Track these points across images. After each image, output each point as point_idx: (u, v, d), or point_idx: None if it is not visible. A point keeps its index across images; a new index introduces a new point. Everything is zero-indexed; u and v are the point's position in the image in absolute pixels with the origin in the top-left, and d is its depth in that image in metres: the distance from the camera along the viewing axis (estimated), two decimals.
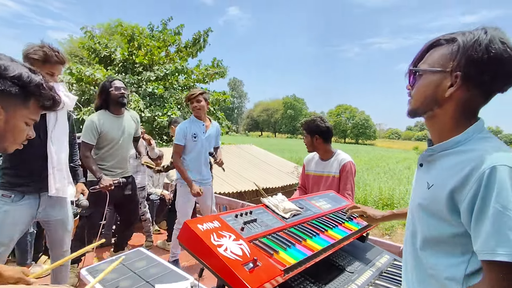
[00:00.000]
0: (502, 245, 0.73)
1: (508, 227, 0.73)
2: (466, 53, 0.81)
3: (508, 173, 0.75)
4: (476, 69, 0.81)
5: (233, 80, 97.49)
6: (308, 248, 1.30)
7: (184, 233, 1.13)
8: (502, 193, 0.74)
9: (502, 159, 0.77)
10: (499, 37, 0.80)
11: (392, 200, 11.92)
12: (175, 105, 10.28)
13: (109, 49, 10.71)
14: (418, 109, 0.93)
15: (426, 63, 0.90)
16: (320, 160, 2.71)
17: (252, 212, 1.42)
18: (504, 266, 0.74)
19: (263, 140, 55.88)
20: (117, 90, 2.78)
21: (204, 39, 11.63)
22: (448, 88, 0.85)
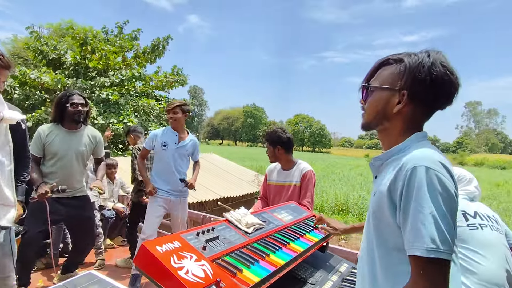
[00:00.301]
0: (417, 240, 0.79)
1: (421, 223, 0.79)
2: (411, 74, 0.89)
3: (425, 173, 0.81)
4: (420, 89, 0.89)
5: (194, 87, 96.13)
6: (271, 263, 1.29)
7: (141, 255, 1.06)
8: (419, 192, 0.80)
9: (423, 160, 0.83)
10: (440, 60, 0.89)
11: (347, 205, 12.47)
12: (132, 112, 9.83)
13: (58, 51, 9.97)
14: (370, 123, 1.00)
15: (377, 81, 0.98)
16: (282, 170, 2.75)
17: (214, 228, 1.38)
18: (422, 261, 0.79)
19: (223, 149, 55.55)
20: (73, 106, 2.60)
21: (163, 45, 11.34)
22: (396, 104, 0.93)
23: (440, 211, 0.79)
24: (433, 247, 0.77)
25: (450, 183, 0.82)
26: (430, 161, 0.83)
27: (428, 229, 0.78)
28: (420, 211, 0.80)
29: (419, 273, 0.79)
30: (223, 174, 9.11)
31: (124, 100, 9.92)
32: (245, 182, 9.01)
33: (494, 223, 1.75)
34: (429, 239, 0.78)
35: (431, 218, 0.78)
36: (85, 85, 9.50)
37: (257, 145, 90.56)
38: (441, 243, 0.77)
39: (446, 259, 0.78)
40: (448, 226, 0.79)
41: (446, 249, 0.78)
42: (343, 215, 11.81)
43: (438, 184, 0.80)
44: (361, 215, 11.61)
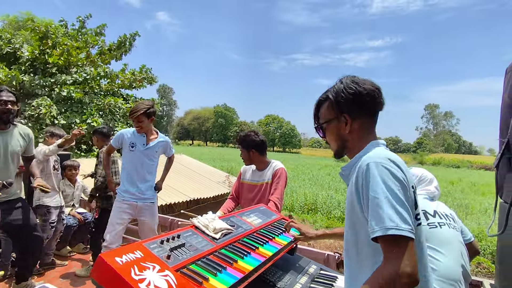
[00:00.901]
0: (377, 223, 0.89)
1: (379, 207, 0.89)
2: (338, 99, 1.11)
3: (375, 166, 0.95)
4: (351, 106, 1.09)
5: (163, 86, 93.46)
6: (240, 270, 1.26)
7: (98, 268, 0.98)
8: (373, 182, 0.94)
9: (373, 158, 0.98)
10: (350, 80, 1.11)
11: (316, 205, 12.76)
12: (96, 111, 9.35)
13: (13, 45, 9.26)
14: (338, 150, 1.18)
15: (322, 118, 1.19)
16: (257, 170, 2.76)
17: (180, 235, 1.32)
18: (385, 241, 0.87)
19: (194, 149, 54.66)
20: (1, 104, 2.41)
21: (130, 42, 10.92)
22: (345, 126, 1.11)
23: (394, 195, 0.90)
24: (392, 225, 0.86)
25: (398, 172, 0.95)
26: (378, 158, 0.97)
27: (385, 211, 0.88)
28: (376, 198, 0.91)
29: (385, 253, 0.88)
30: (193, 176, 8.94)
31: (89, 98, 9.41)
32: (216, 183, 8.91)
33: (451, 221, 1.86)
34: (388, 219, 0.87)
35: (387, 201, 0.89)
36: (44, 81, 8.90)
37: (228, 145, 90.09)
38: (399, 221, 0.86)
39: (408, 237, 0.85)
40: (404, 208, 0.89)
41: (406, 227, 0.86)
42: (312, 214, 12.06)
43: (389, 173, 0.93)
44: (329, 213, 11.93)
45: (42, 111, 8.12)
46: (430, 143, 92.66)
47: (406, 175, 0.97)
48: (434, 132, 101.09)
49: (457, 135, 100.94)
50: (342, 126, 1.12)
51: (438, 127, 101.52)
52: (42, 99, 8.39)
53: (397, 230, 0.85)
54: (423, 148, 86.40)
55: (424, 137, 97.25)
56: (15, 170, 2.63)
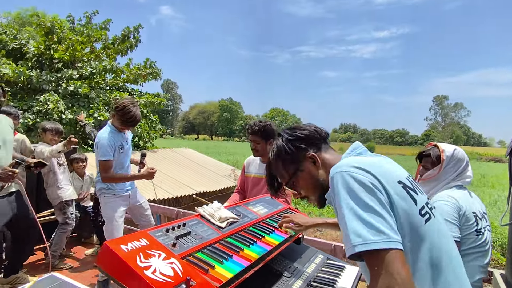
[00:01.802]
0: (345, 242, 0.80)
1: (344, 223, 0.80)
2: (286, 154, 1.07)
3: (339, 177, 0.86)
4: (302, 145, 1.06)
5: (167, 81, 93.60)
6: (245, 258, 1.25)
7: (104, 255, 0.98)
8: (338, 195, 0.85)
9: (335, 168, 0.90)
10: (285, 130, 1.12)
11: None
12: (103, 106, 9.40)
13: (19, 41, 9.31)
14: (319, 195, 1.05)
15: (287, 174, 1.09)
16: (262, 163, 2.71)
17: (185, 224, 1.32)
18: (357, 258, 0.78)
19: (199, 143, 54.86)
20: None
21: (134, 36, 10.90)
22: (315, 164, 1.05)
23: (360, 203, 0.79)
24: (358, 241, 0.75)
25: (365, 177, 0.84)
26: (342, 166, 0.89)
27: (350, 227, 0.78)
28: (342, 212, 0.81)
29: (370, 270, 0.76)
30: (199, 169, 8.98)
31: (95, 93, 9.46)
32: (222, 176, 8.93)
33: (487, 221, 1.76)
34: (354, 235, 0.77)
35: (352, 214, 0.79)
36: (50, 77, 8.96)
37: (233, 139, 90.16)
38: (369, 234, 0.75)
39: (385, 248, 0.73)
40: (374, 215, 0.77)
41: (378, 239, 0.74)
42: (317, 208, 12.05)
43: (353, 181, 0.83)
44: None
45: (50, 106, 8.18)
46: (438, 135, 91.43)
47: (377, 177, 0.85)
48: (442, 124, 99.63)
49: (466, 127, 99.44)
50: (311, 168, 1.05)
51: (447, 119, 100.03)
52: (49, 95, 8.45)
53: (365, 245, 0.74)
54: (431, 140, 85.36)
55: (432, 129, 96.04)
56: (10, 161, 2.57)
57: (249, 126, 2.63)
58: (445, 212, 1.63)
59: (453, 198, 1.68)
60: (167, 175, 7.56)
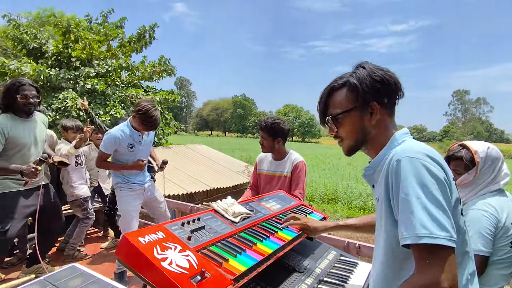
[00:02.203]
0: (407, 229, 0.78)
1: (410, 212, 0.78)
2: (362, 88, 0.96)
3: (408, 162, 0.82)
4: (379, 94, 0.95)
5: (180, 79, 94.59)
6: (259, 252, 1.27)
7: (122, 247, 1.02)
8: (405, 182, 0.81)
9: (405, 152, 0.86)
10: (374, 66, 0.98)
11: (336, 194, 12.64)
12: (119, 103, 9.61)
13: (39, 40, 9.61)
14: (355, 146, 1.02)
15: (338, 108, 1.01)
16: (273, 160, 2.72)
17: (200, 218, 1.35)
18: (417, 249, 0.77)
19: (213, 140, 55.31)
20: (23, 98, 2.49)
21: (150, 34, 11.07)
22: (371, 117, 0.97)
23: (430, 197, 0.78)
24: (424, 233, 0.75)
25: (437, 169, 0.82)
26: (412, 152, 0.84)
27: (416, 216, 0.76)
28: (407, 200, 0.79)
29: (419, 262, 0.77)
30: (213, 165, 9.07)
31: (111, 90, 9.68)
32: (235, 172, 9.00)
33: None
34: (419, 225, 0.76)
35: (420, 205, 0.77)
36: (68, 75, 9.22)
37: (246, 135, 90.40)
38: (434, 228, 0.75)
39: (445, 245, 0.74)
40: (441, 211, 0.77)
41: (442, 235, 0.74)
42: (333, 204, 11.98)
43: (425, 171, 0.80)
44: (350, 203, 11.79)
45: (69, 103, 8.43)
46: (458, 131, 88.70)
47: (447, 173, 0.85)
48: (462, 120, 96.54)
49: (487, 123, 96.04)
50: (366, 117, 0.97)
51: (467, 115, 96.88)
52: (68, 92, 8.70)
53: (431, 239, 0.74)
54: (450, 137, 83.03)
55: (452, 125, 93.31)
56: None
57: (259, 121, 2.66)
58: (480, 224, 1.51)
59: (492, 207, 1.54)
60: (181, 171, 7.67)
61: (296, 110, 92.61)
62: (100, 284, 1.44)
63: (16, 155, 2.53)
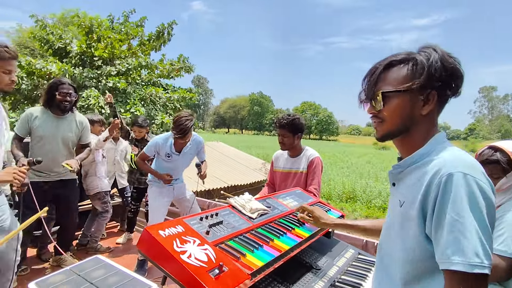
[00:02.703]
0: (457, 253, 0.73)
1: (463, 235, 0.73)
2: (430, 70, 0.83)
3: (463, 180, 0.75)
4: (442, 84, 0.84)
5: (197, 77, 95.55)
6: (276, 248, 1.28)
7: (144, 240, 1.05)
8: (456, 201, 0.74)
9: (458, 166, 0.77)
10: (446, 53, 0.85)
11: (355, 193, 12.44)
12: (139, 101, 9.84)
13: (64, 40, 9.97)
14: (394, 131, 0.91)
15: (390, 85, 0.88)
16: (289, 157, 2.72)
17: (218, 213, 1.37)
18: (461, 276, 0.73)
19: (230, 137, 55.68)
20: (61, 95, 2.71)
21: (168, 32, 11.24)
22: (422, 106, 0.86)
23: (481, 222, 0.74)
24: (477, 262, 0.72)
25: (489, 190, 0.77)
26: (466, 167, 0.77)
27: (471, 242, 0.72)
28: (460, 222, 0.74)
29: (454, 285, 0.75)
30: (230, 163, 9.14)
31: (131, 88, 9.92)
32: (252, 170, 9.03)
33: None
34: (473, 253, 0.72)
35: (474, 230, 0.73)
36: (91, 74, 9.52)
37: (263, 133, 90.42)
38: (484, 257, 0.72)
39: (488, 274, 0.73)
40: (489, 239, 0.74)
41: (488, 263, 0.72)
42: (351, 203, 11.80)
43: (479, 192, 0.75)
44: (369, 202, 11.57)
45: (91, 101, 8.70)
46: (484, 129, 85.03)
47: (493, 189, 0.79)
48: (489, 117, 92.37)
49: None
50: (418, 104, 0.86)
51: (494, 112, 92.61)
52: (91, 91, 8.98)
53: (482, 268, 0.71)
54: (476, 135, 79.78)
55: (477, 123, 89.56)
56: (66, 155, 2.85)
57: (277, 119, 2.63)
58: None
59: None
60: None
61: (314, 107, 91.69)
62: (122, 276, 1.49)
63: (35, 145, 2.71)
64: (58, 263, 3.12)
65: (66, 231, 3.11)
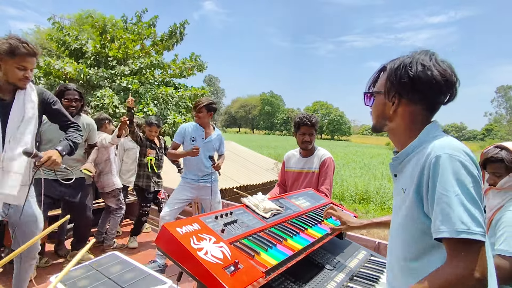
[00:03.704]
0: (444, 223, 0.81)
1: (449, 206, 0.81)
2: (390, 77, 0.98)
3: (448, 159, 0.84)
4: (403, 89, 0.96)
5: (209, 77, 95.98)
6: (289, 248, 1.30)
7: (162, 236, 1.09)
8: (443, 177, 0.84)
9: (444, 148, 0.87)
10: (420, 60, 0.94)
11: (368, 194, 12.28)
12: (151, 101, 9.99)
13: (80, 41, 10.20)
14: (375, 125, 1.08)
15: (375, 86, 1.07)
16: (301, 157, 2.73)
17: (232, 212, 1.40)
18: (453, 243, 0.80)
19: (241, 137, 55.81)
20: (67, 101, 2.84)
21: (180, 31, 11.36)
22: (391, 107, 1.00)
23: (467, 194, 0.81)
24: (463, 228, 0.79)
25: (473, 168, 0.85)
26: (451, 148, 0.86)
27: (455, 211, 0.80)
28: (446, 195, 0.82)
29: (452, 254, 0.82)
30: (243, 162, 9.18)
31: (144, 88, 10.08)
32: (264, 170, 9.05)
33: None
34: (458, 221, 0.79)
35: (458, 200, 0.81)
36: (106, 74, 9.71)
37: (274, 133, 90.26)
38: (471, 224, 0.79)
39: (480, 240, 0.79)
40: (477, 209, 0.80)
41: (478, 230, 0.78)
42: (365, 205, 11.66)
43: (463, 169, 0.83)
44: (383, 204, 11.42)
45: (106, 101, 8.88)
46: (502, 129, 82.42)
47: (478, 169, 0.87)
48: (507, 118, 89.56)
49: None
50: (387, 105, 1.01)
51: (511, 112, 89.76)
52: (106, 90, 9.16)
53: (469, 234, 0.78)
54: (493, 136, 77.57)
55: (495, 123, 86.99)
56: (77, 156, 2.94)
57: (302, 118, 2.61)
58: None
59: None
60: None
61: (326, 107, 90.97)
62: (138, 271, 1.54)
63: (42, 147, 2.79)
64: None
65: (80, 228, 3.22)
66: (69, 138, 2.14)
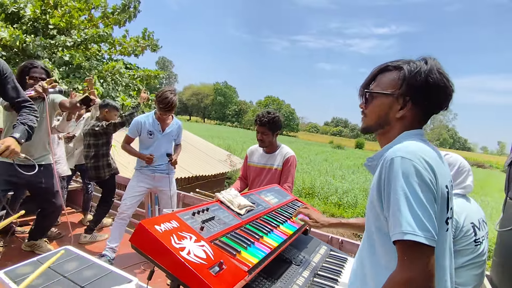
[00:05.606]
0: (395, 226, 0.82)
1: (398, 209, 0.82)
2: (411, 80, 0.94)
3: (400, 162, 0.85)
4: (419, 94, 0.94)
5: (162, 59, 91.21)
6: (266, 245, 1.29)
7: (139, 234, 1.00)
8: (395, 180, 0.85)
9: (400, 151, 0.88)
10: (437, 67, 0.94)
11: (314, 189, 12.92)
12: (98, 79, 9.17)
13: (18, 4, 8.90)
14: (371, 126, 1.05)
15: (379, 86, 1.01)
16: (265, 153, 2.74)
17: (208, 209, 1.35)
18: (402, 246, 0.81)
19: (192, 125, 54.43)
20: (32, 79, 2.54)
21: (134, 6, 10.53)
22: (398, 110, 0.97)
23: (415, 197, 0.82)
24: (408, 230, 0.79)
25: (426, 173, 0.85)
26: (406, 152, 0.87)
27: (403, 214, 0.81)
28: (396, 198, 0.83)
29: (401, 258, 0.81)
30: (194, 152, 8.94)
31: (89, 64, 9.19)
32: (217, 161, 8.93)
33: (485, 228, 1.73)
34: (405, 223, 0.80)
35: (406, 203, 0.81)
36: (44, 43, 8.64)
37: (226, 124, 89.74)
38: (417, 227, 0.79)
39: (426, 244, 0.78)
40: (425, 213, 0.81)
41: (424, 234, 0.78)
42: (309, 199, 12.23)
43: (414, 173, 0.83)
44: (326, 199, 12.09)
45: None
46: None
47: (436, 176, 0.87)
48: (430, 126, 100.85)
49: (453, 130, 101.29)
50: (395, 107, 0.97)
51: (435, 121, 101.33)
52: (44, 62, 8.18)
53: (414, 236, 0.78)
54: None
55: None
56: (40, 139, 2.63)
57: (258, 116, 2.63)
58: None
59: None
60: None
61: (277, 102, 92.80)
62: (98, 269, 1.41)
63: (8, 129, 2.46)
64: (32, 248, 2.92)
65: (44, 220, 2.88)
66: (25, 122, 1.88)
